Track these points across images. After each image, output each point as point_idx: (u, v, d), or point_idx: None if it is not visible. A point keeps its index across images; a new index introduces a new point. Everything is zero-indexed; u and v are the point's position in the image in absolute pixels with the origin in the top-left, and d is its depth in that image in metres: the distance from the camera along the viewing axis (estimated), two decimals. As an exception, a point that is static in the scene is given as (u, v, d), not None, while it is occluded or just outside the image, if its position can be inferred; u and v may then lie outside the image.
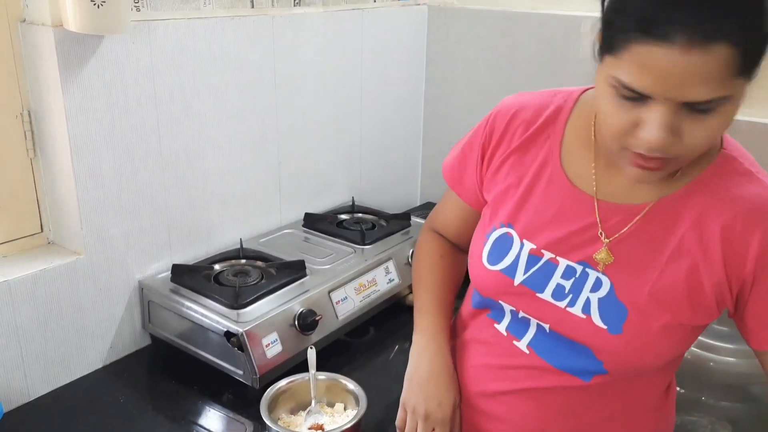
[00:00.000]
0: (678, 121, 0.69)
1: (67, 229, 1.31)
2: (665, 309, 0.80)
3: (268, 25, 1.54)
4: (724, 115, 0.70)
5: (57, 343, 1.28)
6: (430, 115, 2.11)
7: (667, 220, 0.81)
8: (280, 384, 1.16)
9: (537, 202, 0.88)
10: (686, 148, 0.71)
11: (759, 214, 0.78)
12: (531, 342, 0.90)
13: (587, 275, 0.84)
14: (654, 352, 0.82)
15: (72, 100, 1.21)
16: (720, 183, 0.80)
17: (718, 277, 0.79)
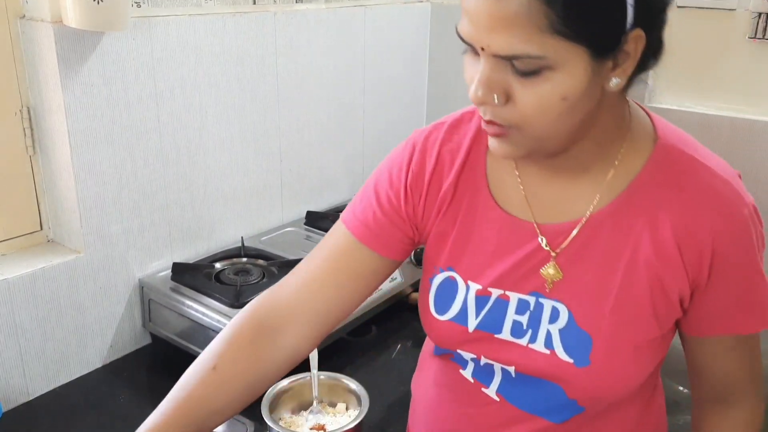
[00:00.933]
0: (505, 81, 0.65)
1: (66, 227, 1.30)
2: (631, 329, 0.75)
3: (270, 22, 1.53)
4: (553, 84, 0.64)
5: (57, 342, 1.27)
6: (433, 112, 2.10)
7: (616, 232, 0.74)
8: (281, 384, 1.15)
9: (475, 240, 0.81)
10: (520, 115, 0.66)
11: (706, 205, 0.72)
12: (499, 389, 0.83)
13: (542, 306, 0.77)
14: (628, 377, 0.77)
15: (72, 97, 1.20)
16: (663, 178, 0.74)
17: (682, 283, 0.74)
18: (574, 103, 0.66)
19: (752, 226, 0.74)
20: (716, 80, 1.63)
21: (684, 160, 0.74)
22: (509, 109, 0.67)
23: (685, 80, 1.66)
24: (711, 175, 0.73)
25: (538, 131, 0.68)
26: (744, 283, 0.76)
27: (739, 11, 1.55)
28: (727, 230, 0.72)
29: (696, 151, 0.76)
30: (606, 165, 0.75)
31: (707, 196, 0.72)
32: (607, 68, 0.66)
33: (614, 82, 0.67)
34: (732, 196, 0.73)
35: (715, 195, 0.73)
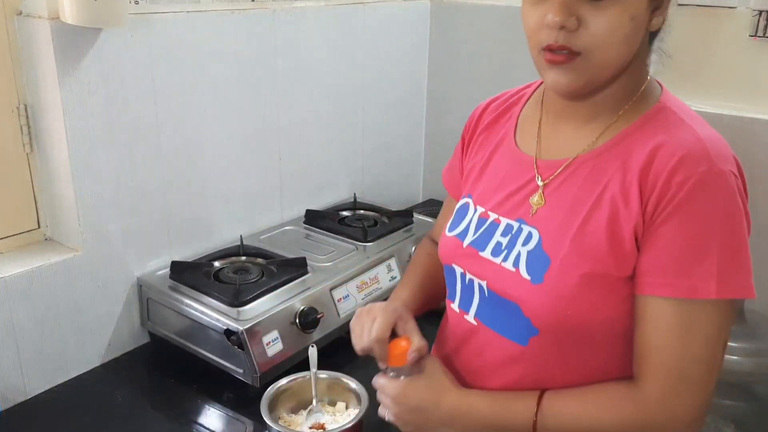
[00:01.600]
0: (577, 7, 0.74)
1: (64, 226, 1.29)
2: (586, 258, 0.78)
3: (268, 19, 1.53)
4: (623, 6, 0.74)
5: (54, 341, 1.27)
6: (433, 110, 2.10)
7: (595, 171, 0.81)
8: (280, 383, 1.14)
9: (490, 172, 0.94)
10: (591, 38, 0.75)
11: (673, 154, 0.75)
12: (477, 312, 0.91)
13: (522, 230, 0.86)
14: (575, 303, 0.79)
15: (69, 94, 1.19)
16: (648, 131, 0.79)
17: (635, 221, 0.77)
18: (638, 26, 0.76)
19: (710, 187, 0.74)
20: (717, 79, 1.62)
21: (672, 119, 0.80)
22: (581, 34, 0.75)
23: (686, 78, 1.66)
24: (689, 133, 0.77)
25: (605, 55, 0.77)
26: (682, 241, 0.75)
27: (739, 9, 1.55)
28: (678, 177, 0.74)
29: (689, 116, 0.81)
30: (610, 116, 0.83)
31: (676, 147, 0.76)
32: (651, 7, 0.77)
33: (658, 20, 0.78)
34: (698, 150, 0.75)
35: (682, 146, 0.75)
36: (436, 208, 2.04)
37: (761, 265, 1.68)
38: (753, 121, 1.56)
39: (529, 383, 0.86)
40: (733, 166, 0.77)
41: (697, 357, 0.76)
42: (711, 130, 0.80)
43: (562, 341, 0.83)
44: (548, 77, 0.81)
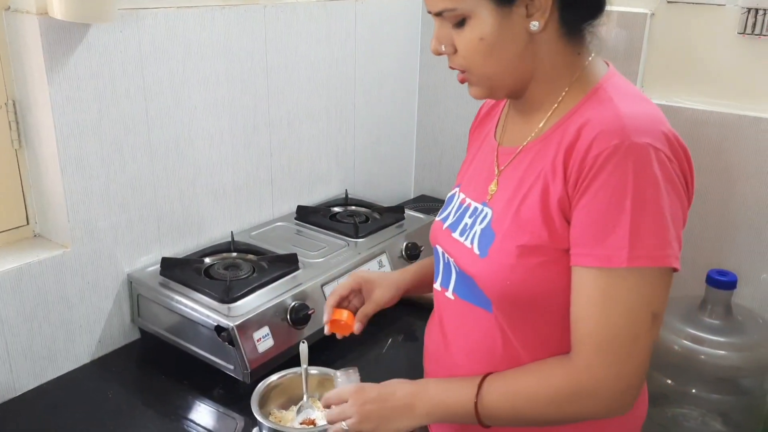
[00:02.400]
0: (449, 35, 0.86)
1: (53, 222, 1.29)
2: (523, 231, 0.85)
3: (259, 15, 1.52)
4: (471, 29, 0.84)
5: (44, 338, 1.26)
6: (425, 106, 2.10)
7: (539, 154, 0.87)
8: (271, 379, 1.15)
9: (476, 164, 1.02)
10: (462, 58, 0.87)
11: (592, 130, 0.80)
12: (455, 288, 0.97)
13: (482, 212, 0.93)
14: (516, 275, 0.84)
15: (58, 90, 1.18)
16: (581, 112, 0.85)
17: (560, 193, 0.82)
18: (492, 43, 0.84)
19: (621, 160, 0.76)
20: (706, 75, 1.63)
21: (602, 97, 0.85)
22: (457, 57, 0.88)
23: (675, 75, 1.67)
24: (611, 110, 0.82)
25: (480, 70, 0.87)
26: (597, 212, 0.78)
27: (728, 7, 1.56)
28: (594, 151, 0.78)
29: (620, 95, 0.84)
30: (551, 104, 0.89)
31: (595, 123, 0.80)
32: (519, 15, 0.83)
33: (533, 25, 0.83)
34: (614, 125, 0.79)
35: (600, 122, 0.80)
36: (427, 204, 2.05)
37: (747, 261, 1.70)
38: (741, 117, 1.58)
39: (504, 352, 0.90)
40: (656, 139, 0.78)
41: (620, 325, 0.79)
42: (639, 106, 0.83)
43: (513, 311, 0.88)
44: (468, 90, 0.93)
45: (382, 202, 1.83)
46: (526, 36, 0.84)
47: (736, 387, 1.66)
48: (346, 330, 1.10)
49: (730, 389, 1.65)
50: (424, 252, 1.62)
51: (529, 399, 0.84)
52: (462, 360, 0.96)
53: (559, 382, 0.83)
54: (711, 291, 1.60)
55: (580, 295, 0.81)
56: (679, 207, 0.80)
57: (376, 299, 1.11)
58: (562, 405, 0.83)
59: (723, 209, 1.66)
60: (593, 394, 0.81)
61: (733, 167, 1.62)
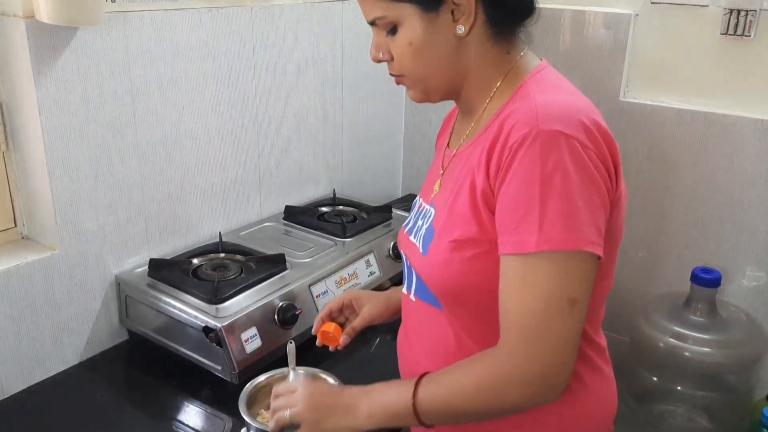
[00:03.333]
0: (385, 42, 0.91)
1: (41, 224, 1.29)
2: (455, 226, 0.88)
3: (246, 16, 1.53)
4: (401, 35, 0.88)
5: (32, 340, 1.26)
6: (412, 104, 2.11)
7: (469, 157, 0.90)
8: (259, 379, 1.15)
9: (432, 168, 1.06)
10: (398, 64, 0.91)
11: (510, 122, 0.82)
12: (415, 290, 1.00)
13: (429, 212, 0.97)
14: (452, 269, 0.87)
15: (45, 93, 1.19)
16: (506, 110, 0.87)
17: (483, 185, 0.84)
18: (421, 47, 0.88)
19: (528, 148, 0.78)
20: (690, 75, 1.65)
21: (524, 94, 0.87)
22: (393, 63, 0.92)
23: (659, 76, 1.68)
24: (528, 102, 0.84)
25: (413, 73, 0.91)
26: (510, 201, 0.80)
27: (711, 8, 1.57)
28: (508, 143, 0.80)
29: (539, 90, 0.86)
30: (482, 105, 0.93)
31: (512, 117, 0.83)
32: (446, 20, 0.86)
33: (459, 29, 0.86)
34: (528, 117, 0.80)
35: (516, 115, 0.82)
36: (415, 204, 2.06)
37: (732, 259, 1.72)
38: (725, 116, 1.60)
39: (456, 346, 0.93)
40: (567, 126, 0.78)
41: (534, 309, 0.78)
42: (556, 96, 0.85)
43: (459, 306, 0.91)
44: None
45: (370, 202, 1.84)
46: (455, 39, 0.88)
47: (721, 383, 1.68)
48: (333, 342, 1.17)
49: (715, 386, 1.67)
50: (412, 252, 1.63)
51: (457, 392, 0.84)
52: (423, 360, 0.98)
53: (483, 371, 0.83)
54: (696, 288, 1.62)
55: (503, 282, 0.82)
56: (595, 193, 0.79)
57: (365, 314, 1.16)
58: (487, 394, 0.82)
59: (707, 207, 1.68)
60: (511, 379, 0.80)
61: (717, 165, 1.64)
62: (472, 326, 0.91)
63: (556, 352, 0.79)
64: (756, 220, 1.62)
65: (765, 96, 1.57)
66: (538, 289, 0.78)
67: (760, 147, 1.57)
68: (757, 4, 1.50)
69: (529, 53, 0.93)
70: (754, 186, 1.60)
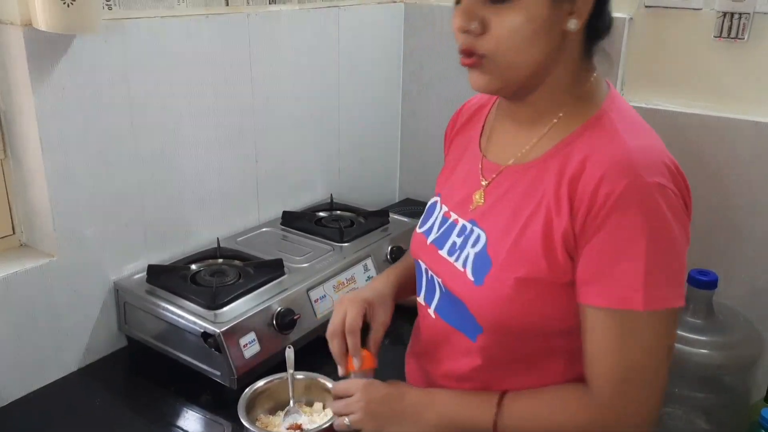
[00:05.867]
0: (482, 12, 0.79)
1: (39, 231, 1.29)
2: (522, 263, 0.83)
3: (243, 23, 1.53)
4: (520, 12, 0.77)
5: (31, 347, 1.27)
6: (408, 111, 2.11)
7: (537, 179, 0.85)
8: (257, 384, 1.15)
9: (457, 172, 0.99)
10: (494, 40, 0.79)
11: (600, 166, 0.78)
12: (436, 307, 0.96)
13: (472, 232, 0.90)
14: (513, 307, 0.83)
15: (43, 101, 1.19)
16: (584, 140, 0.82)
17: (564, 227, 0.80)
18: (536, 30, 0.78)
19: (633, 201, 0.75)
20: (684, 78, 1.66)
21: (608, 128, 0.82)
22: (485, 38, 0.79)
23: (654, 79, 1.69)
24: (618, 144, 0.79)
25: (508, 57, 0.80)
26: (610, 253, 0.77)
27: (705, 11, 1.58)
28: (603, 191, 0.76)
29: (626, 125, 0.82)
30: (547, 121, 0.86)
31: (603, 159, 0.78)
32: (565, 9, 0.79)
33: (572, 24, 0.79)
34: (623, 164, 0.77)
35: (609, 159, 0.78)
36: (412, 208, 2.07)
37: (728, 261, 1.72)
38: (719, 119, 1.60)
39: (480, 376, 0.90)
40: (663, 177, 0.78)
41: (639, 363, 0.79)
42: (646, 140, 0.82)
43: (505, 339, 0.88)
44: (469, 79, 0.85)
45: (367, 206, 1.84)
46: (560, 35, 0.80)
47: (719, 385, 1.68)
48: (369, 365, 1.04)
49: (713, 387, 1.67)
50: (410, 256, 1.63)
51: (550, 428, 0.85)
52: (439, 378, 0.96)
53: (583, 416, 0.83)
54: (693, 291, 1.62)
55: (595, 333, 0.80)
56: (685, 239, 0.80)
57: (382, 322, 1.05)
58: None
59: (703, 209, 1.68)
60: (614, 428, 0.81)
61: (712, 167, 1.64)
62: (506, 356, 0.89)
63: (658, 400, 0.81)
64: (752, 222, 1.62)
65: (760, 98, 1.58)
66: (640, 342, 0.78)
67: (755, 149, 1.57)
68: (751, 7, 1.51)
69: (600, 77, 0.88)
70: (750, 188, 1.61)
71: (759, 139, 1.57)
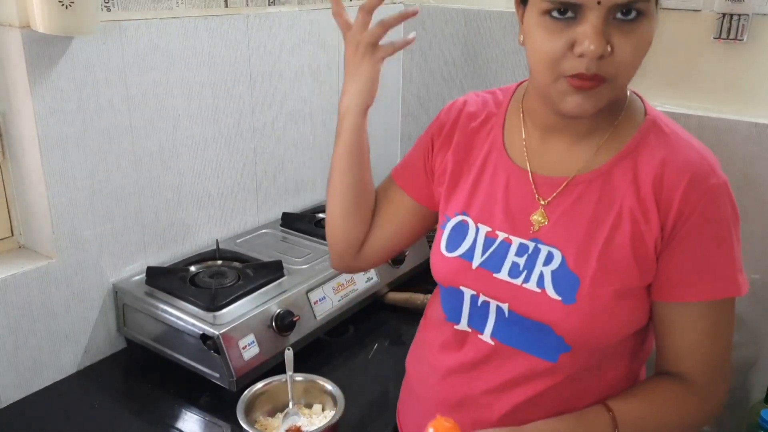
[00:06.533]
0: (609, 32, 0.74)
1: (38, 233, 1.29)
2: (615, 275, 0.82)
3: (242, 24, 1.53)
4: (647, 29, 0.75)
5: (29, 349, 1.26)
6: (408, 111, 2.11)
7: (608, 188, 0.84)
8: (257, 386, 1.15)
9: (487, 187, 0.92)
10: (618, 64, 0.75)
11: (680, 169, 0.81)
12: (493, 332, 0.90)
13: (539, 250, 0.86)
14: (609, 319, 0.83)
15: (41, 102, 1.19)
16: (650, 146, 0.84)
17: (655, 232, 0.82)
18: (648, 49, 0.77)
19: (721, 198, 0.81)
20: (683, 79, 1.66)
21: (667, 132, 0.85)
22: (611, 60, 0.75)
23: (653, 80, 1.69)
24: (688, 147, 0.84)
25: (627, 78, 0.79)
26: (706, 250, 0.82)
27: (704, 12, 1.58)
28: (694, 194, 0.80)
29: (679, 129, 0.87)
30: (604, 131, 0.86)
31: (683, 161, 0.82)
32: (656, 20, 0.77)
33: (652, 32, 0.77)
34: (704, 166, 0.82)
35: (690, 161, 0.82)
36: (412, 209, 2.06)
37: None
38: (719, 120, 1.60)
39: (552, 394, 0.88)
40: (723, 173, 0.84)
41: (724, 346, 0.86)
42: (696, 140, 0.87)
43: (593, 354, 0.87)
44: (569, 102, 0.78)
45: (367, 208, 1.84)
46: None
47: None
48: None
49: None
50: (409, 256, 1.63)
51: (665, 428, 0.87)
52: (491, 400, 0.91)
53: (689, 409, 0.86)
54: (692, 292, 1.62)
55: (688, 327, 0.85)
56: None
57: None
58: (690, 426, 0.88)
59: (702, 211, 1.69)
60: (711, 411, 0.87)
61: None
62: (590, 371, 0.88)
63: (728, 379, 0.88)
64: (750, 224, 1.62)
65: (759, 99, 1.58)
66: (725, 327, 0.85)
67: (754, 150, 1.57)
68: (750, 9, 1.51)
69: None
70: (749, 189, 1.60)
71: (758, 140, 1.57)
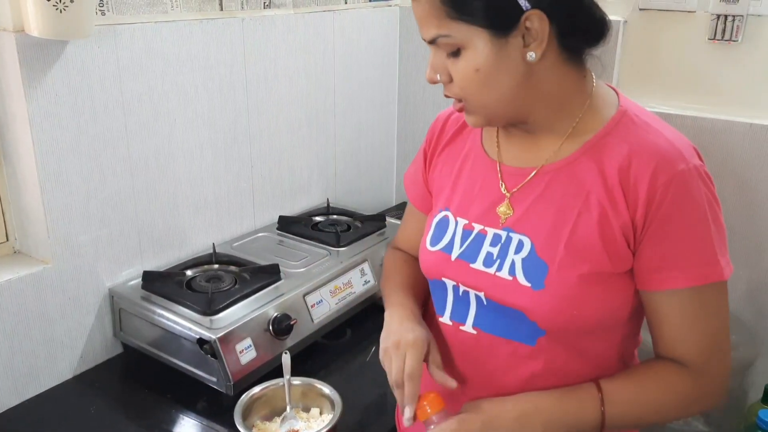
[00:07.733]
0: (443, 63, 0.84)
1: (33, 238, 1.28)
2: (582, 259, 0.84)
3: (237, 28, 1.53)
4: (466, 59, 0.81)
5: (25, 355, 1.26)
6: (404, 114, 2.11)
7: (575, 178, 0.86)
8: (254, 390, 1.15)
9: (465, 182, 0.97)
10: (458, 88, 0.85)
11: (647, 156, 0.82)
12: (475, 321, 0.93)
13: (511, 239, 0.89)
14: (579, 304, 0.85)
15: (36, 107, 1.19)
16: (618, 135, 0.85)
17: (623, 219, 0.83)
18: (488, 74, 0.81)
19: (691, 183, 0.82)
20: (678, 80, 1.66)
21: (638, 123, 0.86)
22: (453, 85, 0.85)
23: (648, 80, 1.70)
24: (656, 135, 0.84)
25: (477, 100, 0.85)
26: (681, 236, 0.82)
27: (698, 13, 1.59)
28: (661, 181, 0.81)
29: (651, 119, 0.87)
30: (566, 125, 0.88)
31: (650, 150, 0.83)
32: (516, 45, 0.80)
33: (530, 56, 0.80)
34: (672, 153, 0.82)
35: (656, 150, 0.82)
36: (408, 212, 2.06)
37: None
38: (713, 121, 1.61)
39: (543, 376, 0.91)
40: (697, 159, 0.84)
41: (717, 329, 0.87)
42: (673, 130, 0.87)
43: (568, 337, 0.89)
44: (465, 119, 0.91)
45: (363, 211, 1.84)
46: (524, 66, 0.81)
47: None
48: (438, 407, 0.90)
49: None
50: (406, 260, 1.63)
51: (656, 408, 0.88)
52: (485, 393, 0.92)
53: (684, 390, 0.87)
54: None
55: (674, 314, 0.85)
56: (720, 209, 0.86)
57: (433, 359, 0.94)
58: (689, 408, 0.89)
59: (699, 212, 1.69)
60: (713, 392, 0.88)
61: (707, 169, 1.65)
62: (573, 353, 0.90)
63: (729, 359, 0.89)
64: (747, 225, 1.63)
65: (753, 100, 1.58)
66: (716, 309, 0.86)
67: (749, 151, 1.58)
68: (744, 10, 1.52)
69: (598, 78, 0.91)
70: (744, 190, 1.61)
71: (753, 140, 1.57)
